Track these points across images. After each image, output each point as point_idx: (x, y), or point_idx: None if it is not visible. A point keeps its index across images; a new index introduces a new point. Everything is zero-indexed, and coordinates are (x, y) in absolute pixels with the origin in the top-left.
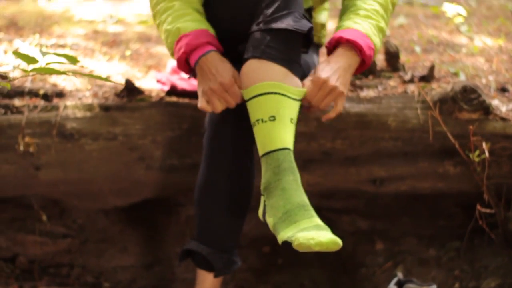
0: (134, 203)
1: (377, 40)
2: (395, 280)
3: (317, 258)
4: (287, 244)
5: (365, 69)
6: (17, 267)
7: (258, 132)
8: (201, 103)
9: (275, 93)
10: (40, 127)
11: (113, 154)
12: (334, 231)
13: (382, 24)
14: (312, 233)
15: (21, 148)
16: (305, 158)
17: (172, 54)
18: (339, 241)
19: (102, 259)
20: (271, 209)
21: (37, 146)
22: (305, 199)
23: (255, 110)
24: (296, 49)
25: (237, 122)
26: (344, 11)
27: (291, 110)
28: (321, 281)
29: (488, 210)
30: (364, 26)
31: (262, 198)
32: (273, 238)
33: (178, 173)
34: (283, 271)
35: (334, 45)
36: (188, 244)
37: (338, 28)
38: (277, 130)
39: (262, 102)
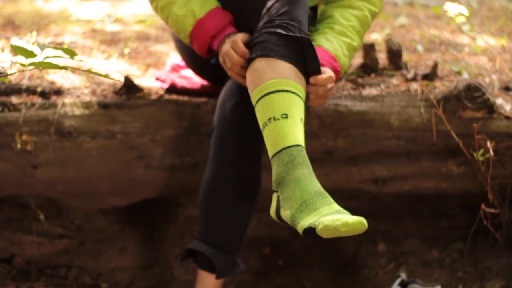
0: (133, 203)
1: (345, 61)
2: (398, 280)
3: (319, 260)
4: (310, 230)
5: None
6: (14, 268)
7: (271, 131)
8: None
9: (287, 91)
10: (37, 125)
11: (112, 153)
12: None
13: (355, 42)
14: (336, 216)
15: (18, 146)
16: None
17: (185, 38)
18: (364, 221)
19: (100, 259)
20: (287, 201)
21: (34, 144)
22: (321, 187)
23: (266, 109)
24: (301, 49)
25: (246, 122)
26: (321, 20)
27: (301, 108)
28: (323, 282)
29: (492, 210)
30: (335, 46)
31: (274, 195)
32: (274, 239)
33: (178, 172)
34: (284, 272)
35: None
36: (190, 243)
37: None
38: (290, 128)
39: (274, 100)
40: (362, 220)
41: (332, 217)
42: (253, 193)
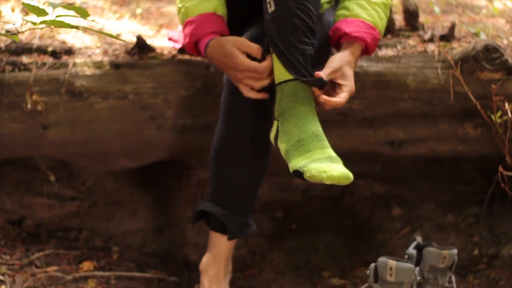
0: (145, 165)
1: (383, 24)
2: (414, 244)
3: (332, 223)
4: (298, 173)
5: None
6: (24, 230)
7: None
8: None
9: None
10: (48, 85)
11: (124, 114)
12: (350, 195)
13: None
14: (325, 165)
15: (29, 106)
16: (321, 119)
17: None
18: (350, 175)
19: (111, 222)
20: (284, 135)
21: (45, 104)
22: (319, 128)
23: None
24: None
25: None
26: None
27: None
28: (336, 246)
29: (510, 174)
30: (370, 13)
31: (275, 123)
32: (286, 202)
33: (190, 133)
34: (297, 236)
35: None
36: (202, 205)
37: (342, 10)
38: None
39: None
40: (348, 174)
41: (320, 166)
42: (264, 152)
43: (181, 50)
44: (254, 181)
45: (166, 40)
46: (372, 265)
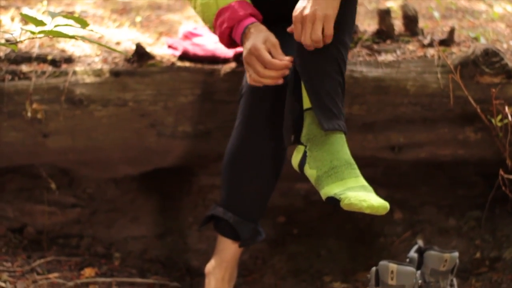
0: (145, 172)
1: None
2: (415, 247)
3: (334, 228)
4: (333, 200)
5: None
6: (25, 238)
7: None
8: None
9: None
10: (48, 93)
11: (123, 121)
12: None
13: None
14: (362, 194)
15: (29, 114)
16: None
17: (211, 27)
18: (387, 205)
19: (112, 229)
20: (315, 161)
21: (45, 112)
22: (350, 156)
23: None
24: None
25: (280, 87)
26: None
27: None
28: (338, 251)
29: (511, 177)
30: None
31: (301, 148)
32: (288, 207)
33: (190, 140)
34: (299, 241)
35: None
36: (213, 209)
37: None
38: None
39: None
40: (386, 205)
41: (359, 195)
42: (279, 161)
43: (181, 57)
44: (268, 190)
45: (165, 47)
46: (374, 268)
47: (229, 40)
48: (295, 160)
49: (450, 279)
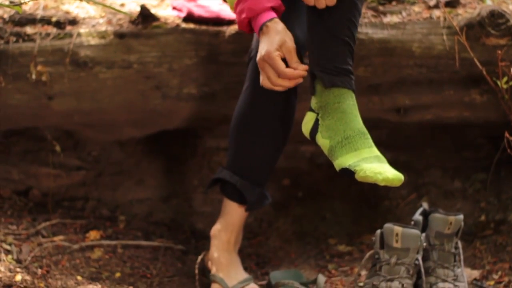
0: (150, 135)
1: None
2: (420, 210)
3: (339, 191)
4: (347, 171)
5: None
6: (30, 200)
7: None
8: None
9: None
10: (52, 55)
11: (128, 83)
12: None
13: None
14: (377, 165)
15: (33, 77)
16: None
17: (231, 8)
18: (402, 177)
19: (117, 192)
20: (328, 130)
21: (49, 75)
22: (363, 126)
23: None
24: None
25: None
26: None
27: None
28: (343, 213)
29: None
30: None
31: (312, 115)
32: (293, 170)
33: (195, 102)
34: (304, 203)
35: None
36: (220, 173)
37: None
38: None
39: None
40: (401, 177)
41: (374, 167)
42: (288, 126)
43: (185, 19)
44: (275, 154)
45: (170, 9)
46: (378, 231)
47: (248, 28)
48: (306, 127)
49: (455, 241)
